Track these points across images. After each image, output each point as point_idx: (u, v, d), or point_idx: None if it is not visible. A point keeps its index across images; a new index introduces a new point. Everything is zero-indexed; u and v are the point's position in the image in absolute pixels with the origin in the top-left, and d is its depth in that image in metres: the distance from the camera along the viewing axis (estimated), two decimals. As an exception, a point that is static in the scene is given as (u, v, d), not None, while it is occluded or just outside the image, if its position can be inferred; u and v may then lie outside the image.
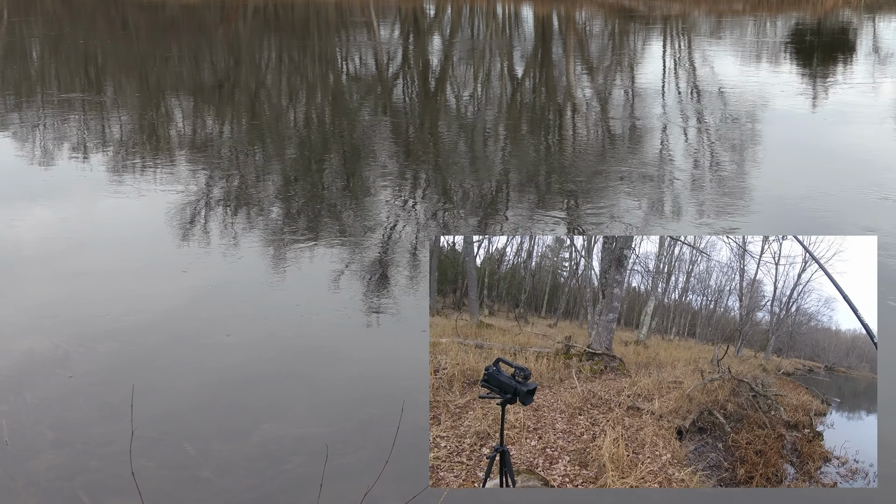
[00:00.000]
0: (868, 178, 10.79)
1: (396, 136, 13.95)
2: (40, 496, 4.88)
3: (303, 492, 4.87)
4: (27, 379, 6.12)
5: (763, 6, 31.32)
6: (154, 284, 7.79)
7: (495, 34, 28.21)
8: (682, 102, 16.24)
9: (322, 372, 6.26)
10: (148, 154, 12.68)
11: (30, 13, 33.41)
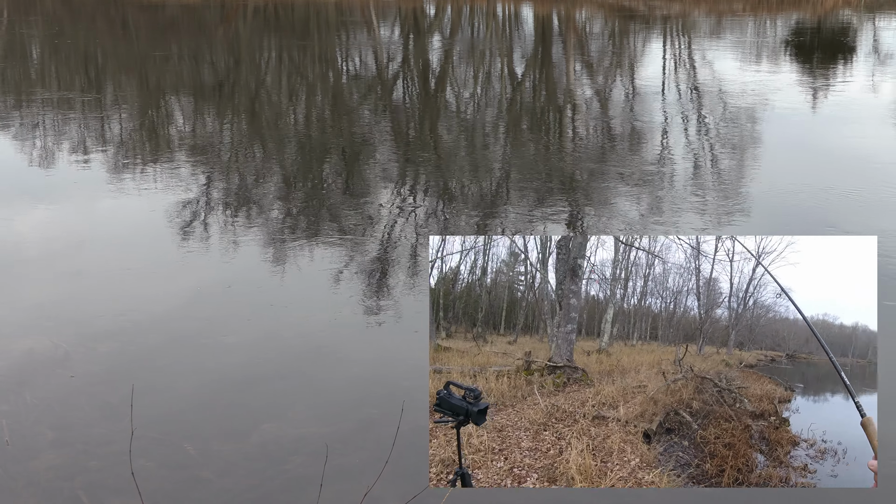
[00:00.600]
0: (868, 179, 10.79)
1: (396, 135, 13.96)
2: (40, 496, 4.89)
3: (303, 492, 4.87)
4: (27, 379, 6.12)
5: (763, 6, 31.33)
6: (154, 284, 7.79)
7: (495, 34, 28.21)
8: (681, 102, 16.25)
9: (322, 372, 6.26)
10: (148, 154, 12.69)
11: (30, 13, 33.42)
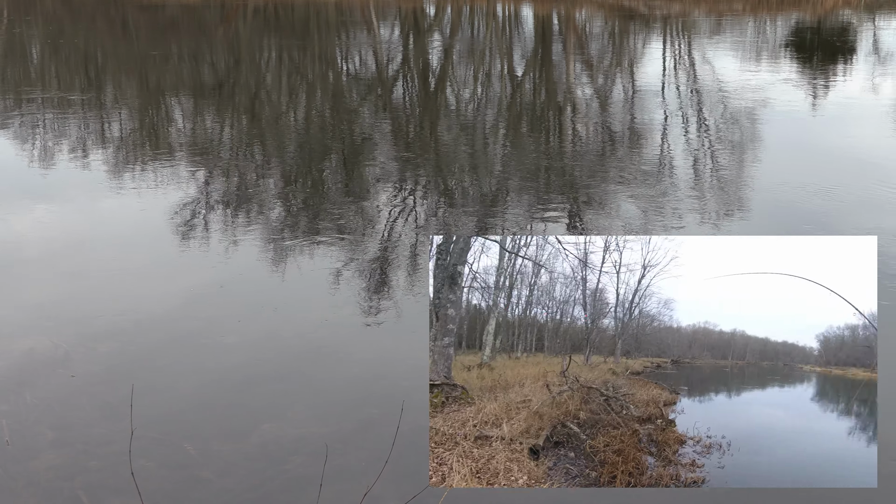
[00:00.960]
0: (868, 179, 10.79)
1: (396, 135, 13.95)
2: (40, 496, 4.89)
3: (303, 492, 4.87)
4: (27, 379, 6.12)
5: (763, 6, 31.32)
6: (154, 284, 7.79)
7: (495, 34, 28.21)
8: (681, 102, 16.24)
9: (322, 372, 6.26)
10: (148, 154, 12.68)
11: (30, 13, 33.42)
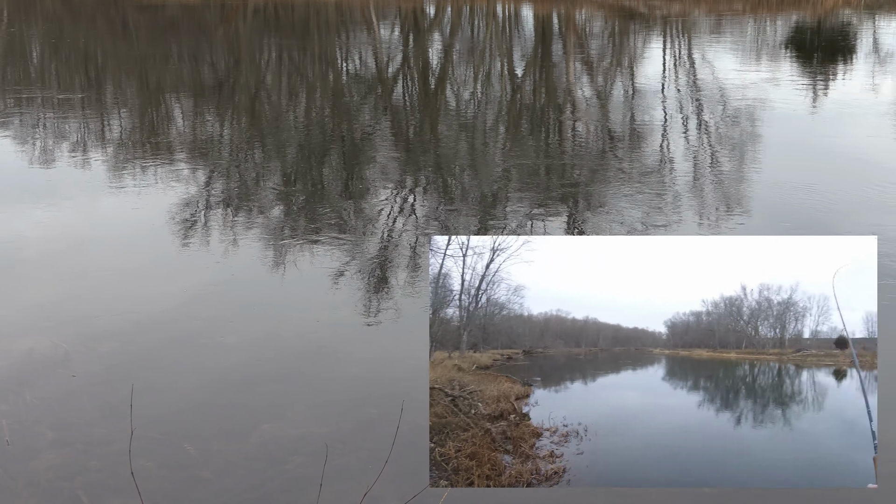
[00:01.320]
0: (868, 178, 10.80)
1: (396, 135, 13.96)
2: (40, 496, 4.89)
3: (303, 492, 4.87)
4: (27, 379, 6.12)
5: (763, 6, 31.33)
6: (154, 284, 7.79)
7: (495, 34, 28.21)
8: (681, 102, 16.25)
9: (322, 372, 6.26)
10: (148, 154, 12.69)
11: (30, 13, 33.42)
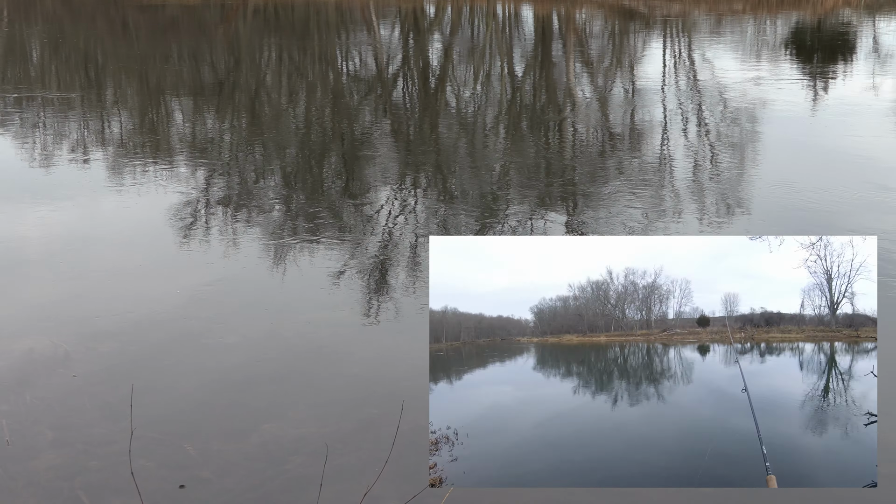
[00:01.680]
0: (868, 178, 10.80)
1: (396, 135, 13.96)
2: (40, 496, 4.89)
3: (303, 492, 4.87)
4: (27, 379, 6.12)
5: (763, 6, 31.33)
6: (154, 284, 7.79)
7: (495, 34, 28.21)
8: (681, 102, 16.25)
9: (322, 372, 6.26)
10: (148, 154, 12.69)
11: (30, 13, 33.42)
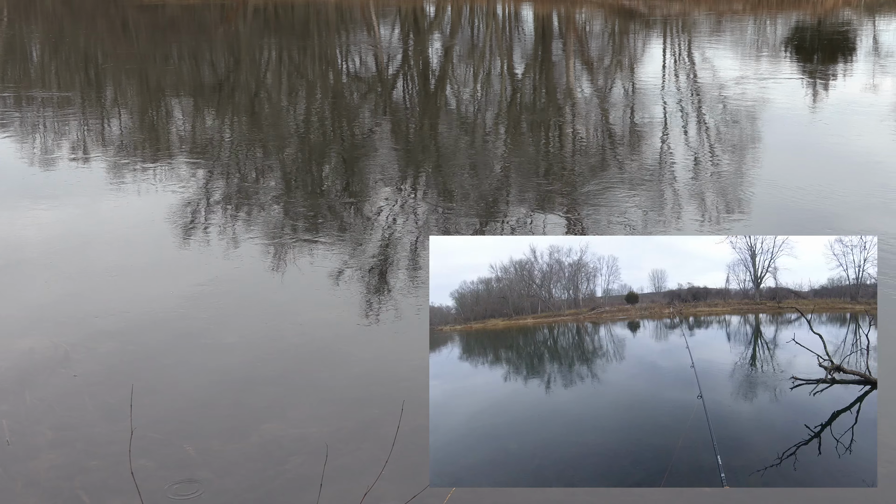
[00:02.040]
0: (869, 178, 10.80)
1: (396, 135, 13.96)
2: (40, 496, 4.89)
3: (303, 492, 4.87)
4: (27, 379, 6.12)
5: (763, 6, 31.32)
6: (155, 284, 7.79)
7: (495, 34, 28.21)
8: (681, 102, 16.25)
9: (322, 372, 6.27)
10: (148, 154, 12.69)
11: (30, 13, 33.42)
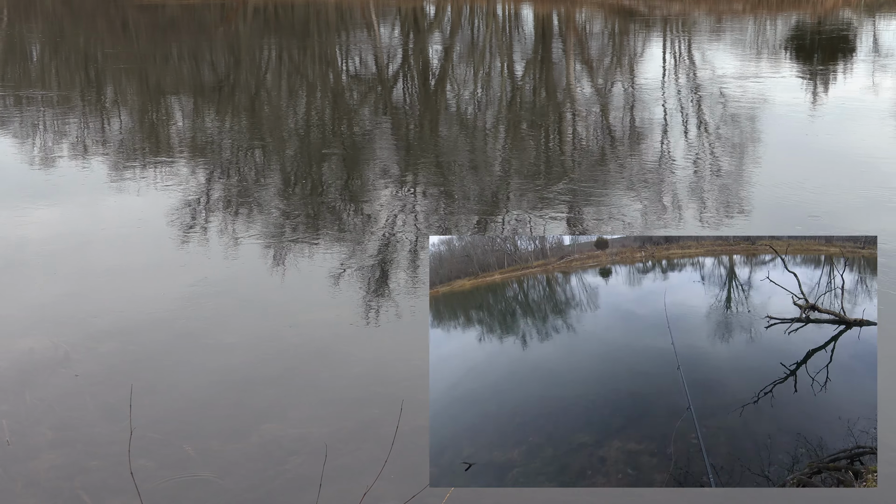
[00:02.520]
0: (869, 178, 10.79)
1: (396, 135, 13.96)
2: (40, 496, 4.89)
3: (303, 492, 4.87)
4: (27, 379, 6.12)
5: (763, 6, 31.32)
6: (155, 284, 7.79)
7: (495, 34, 28.21)
8: (681, 102, 16.25)
9: (322, 372, 6.26)
10: (149, 154, 12.69)
11: (30, 13, 33.41)
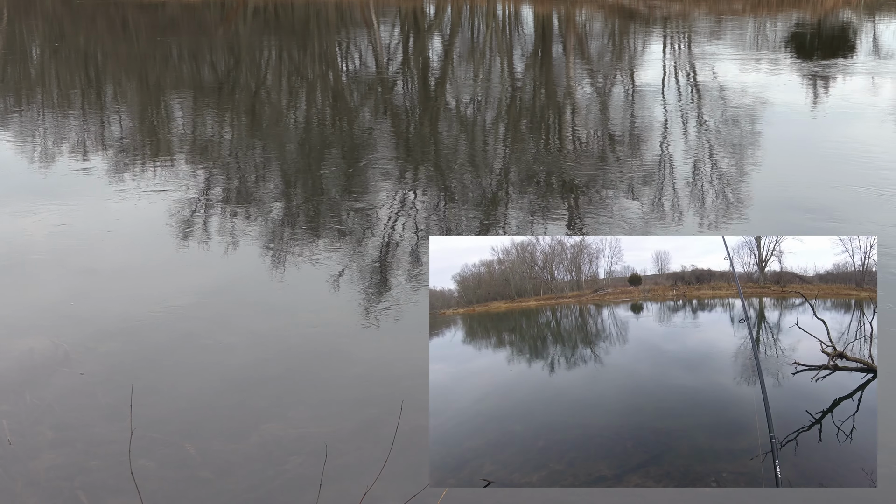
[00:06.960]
0: (868, 178, 10.80)
1: (396, 135, 13.96)
2: (40, 496, 4.89)
3: (303, 492, 4.88)
4: (28, 379, 6.12)
5: (763, 6, 31.32)
6: (155, 284, 7.79)
7: (495, 34, 28.21)
8: (681, 102, 16.25)
9: (322, 372, 6.27)
10: (149, 154, 12.69)
11: (30, 13, 33.41)
